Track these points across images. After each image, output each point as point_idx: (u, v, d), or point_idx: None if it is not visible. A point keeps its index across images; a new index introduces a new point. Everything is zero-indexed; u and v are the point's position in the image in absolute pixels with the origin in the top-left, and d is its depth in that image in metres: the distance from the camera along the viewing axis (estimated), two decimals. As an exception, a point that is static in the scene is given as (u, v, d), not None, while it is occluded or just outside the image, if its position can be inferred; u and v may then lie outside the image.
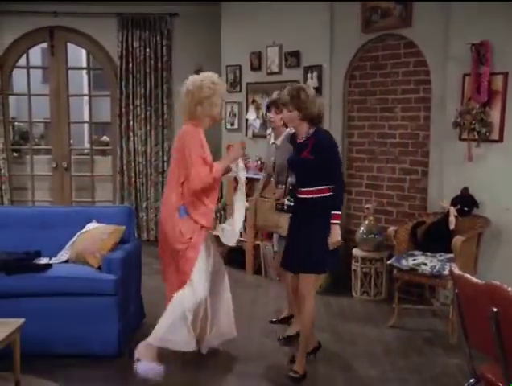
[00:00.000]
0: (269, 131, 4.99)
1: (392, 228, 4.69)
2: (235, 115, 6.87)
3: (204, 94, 3.61)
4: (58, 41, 7.33)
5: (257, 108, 6.58)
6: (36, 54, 8.49)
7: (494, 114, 4.55)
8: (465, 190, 4.71)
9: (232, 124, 6.90)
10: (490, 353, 2.36)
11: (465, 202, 4.65)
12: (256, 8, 6.40)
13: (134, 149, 7.37)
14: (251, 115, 6.63)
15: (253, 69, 6.59)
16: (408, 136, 5.28)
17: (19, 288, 3.83)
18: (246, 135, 6.67)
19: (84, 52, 8.46)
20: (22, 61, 7.42)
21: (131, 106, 7.30)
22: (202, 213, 3.63)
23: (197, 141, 3.58)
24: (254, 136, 6.60)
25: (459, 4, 4.71)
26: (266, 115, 4.83)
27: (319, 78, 5.87)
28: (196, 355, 3.82)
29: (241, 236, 4.00)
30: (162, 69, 7.28)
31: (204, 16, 7.15)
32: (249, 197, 4.75)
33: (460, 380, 3.53)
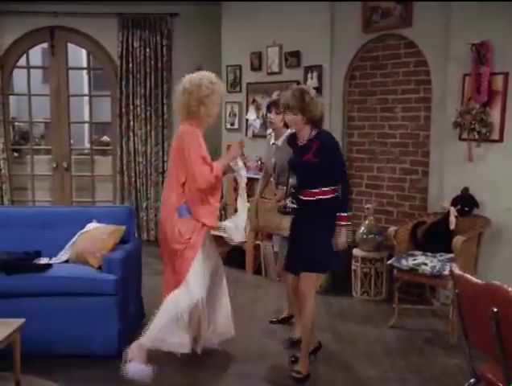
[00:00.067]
0: (269, 131, 4.98)
1: (392, 228, 4.69)
2: (235, 115, 6.86)
3: (204, 93, 3.59)
4: (58, 41, 7.32)
5: (257, 108, 6.58)
6: (36, 54, 8.48)
7: (494, 114, 4.55)
8: (465, 190, 4.71)
9: (232, 124, 6.90)
10: (490, 353, 2.36)
11: (465, 202, 4.65)
12: (256, 8, 6.40)
13: (134, 149, 7.36)
14: (251, 115, 6.62)
15: (253, 69, 6.59)
16: (408, 136, 5.28)
17: (19, 288, 3.83)
18: (246, 135, 6.67)
19: (84, 52, 8.48)
20: (22, 61, 7.42)
21: (131, 106, 7.30)
22: (208, 211, 3.61)
23: (196, 140, 3.57)
24: (254, 136, 6.59)
25: (459, 4, 4.71)
26: (267, 116, 4.82)
27: (319, 78, 5.87)
28: (196, 355, 3.79)
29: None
30: (162, 69, 7.27)
31: (205, 16, 7.15)
32: (249, 197, 4.74)
33: (460, 380, 3.52)
